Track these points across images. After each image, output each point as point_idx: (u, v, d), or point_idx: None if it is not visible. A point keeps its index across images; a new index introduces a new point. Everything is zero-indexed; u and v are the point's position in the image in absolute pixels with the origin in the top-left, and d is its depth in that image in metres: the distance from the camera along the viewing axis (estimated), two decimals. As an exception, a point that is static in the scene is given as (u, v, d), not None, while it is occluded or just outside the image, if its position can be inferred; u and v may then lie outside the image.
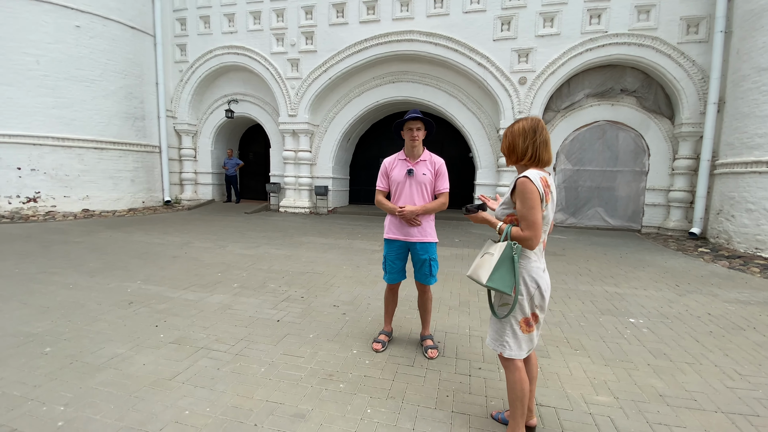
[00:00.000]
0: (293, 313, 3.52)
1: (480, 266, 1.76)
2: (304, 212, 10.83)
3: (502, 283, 1.68)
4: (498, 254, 1.69)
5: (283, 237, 7.29)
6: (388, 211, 2.72)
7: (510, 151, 1.80)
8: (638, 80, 8.57)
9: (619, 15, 8.08)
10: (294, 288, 4.25)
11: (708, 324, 3.48)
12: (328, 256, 5.83)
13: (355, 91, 10.44)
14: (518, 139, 1.76)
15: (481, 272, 1.73)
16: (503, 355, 1.81)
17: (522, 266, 1.73)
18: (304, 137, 10.71)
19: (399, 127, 2.70)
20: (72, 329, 3.06)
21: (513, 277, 1.68)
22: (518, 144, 1.76)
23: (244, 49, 10.57)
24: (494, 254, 1.70)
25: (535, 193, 1.66)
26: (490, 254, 1.73)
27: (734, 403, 2.27)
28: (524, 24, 8.66)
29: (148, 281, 4.34)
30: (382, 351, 2.82)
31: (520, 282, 1.70)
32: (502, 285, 1.68)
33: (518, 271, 1.69)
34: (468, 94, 9.65)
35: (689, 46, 7.81)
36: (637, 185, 8.97)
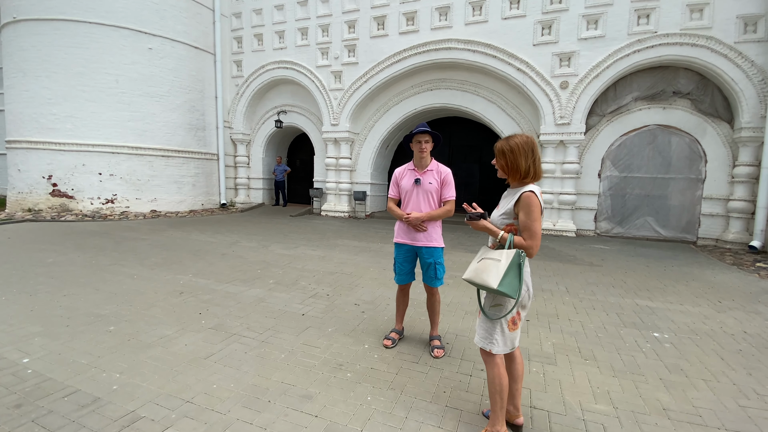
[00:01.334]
0: (317, 309, 3.84)
1: (483, 271, 1.86)
2: (343, 216, 11.31)
3: (510, 288, 1.81)
4: (506, 261, 1.81)
5: (321, 239, 7.74)
6: (397, 217, 2.94)
7: (512, 171, 1.95)
8: (692, 82, 8.00)
9: (670, 14, 7.63)
10: (322, 286, 4.59)
11: (740, 342, 3.28)
12: (358, 258, 6.14)
13: (393, 99, 10.76)
14: (520, 159, 1.91)
15: (486, 277, 1.83)
16: (492, 351, 1.96)
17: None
18: (345, 145, 11.21)
19: (408, 140, 2.91)
20: (132, 312, 3.62)
21: (519, 282, 1.82)
22: (521, 164, 1.91)
23: (292, 64, 11.34)
24: (501, 260, 1.82)
25: (539, 207, 1.85)
26: (495, 260, 1.84)
27: (742, 421, 2.20)
28: (566, 27, 8.46)
29: (198, 275, 4.91)
30: (392, 347, 3.04)
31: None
32: (510, 289, 1.81)
33: (524, 277, 1.85)
34: (507, 100, 9.57)
35: (747, 46, 7.17)
36: (693, 194, 8.33)
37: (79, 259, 5.55)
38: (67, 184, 9.92)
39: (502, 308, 1.95)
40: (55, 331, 3.18)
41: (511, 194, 2.00)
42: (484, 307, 2.02)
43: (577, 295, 4.56)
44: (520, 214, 1.88)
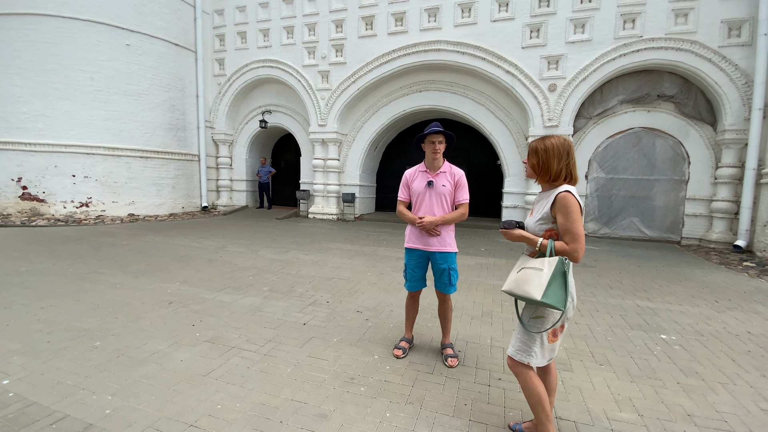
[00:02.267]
0: (319, 317, 3.66)
1: (525, 281, 1.74)
2: (331, 219, 11.09)
3: (555, 299, 1.66)
4: (549, 269, 1.68)
5: (311, 243, 7.52)
6: (409, 221, 2.81)
7: (542, 170, 1.83)
8: (676, 85, 8.22)
9: (655, 19, 7.82)
10: (320, 293, 4.40)
11: (747, 343, 3.30)
12: (353, 262, 5.97)
13: (382, 100, 10.64)
14: (552, 160, 1.79)
15: (528, 288, 1.70)
16: (531, 364, 1.83)
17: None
18: (332, 146, 11.01)
19: (420, 140, 2.79)
20: (119, 325, 3.35)
21: (565, 292, 1.68)
22: (552, 165, 1.80)
23: (277, 63, 11.06)
24: (543, 269, 1.69)
25: (578, 207, 1.72)
26: (537, 269, 1.72)
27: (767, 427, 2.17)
28: (554, 31, 8.55)
29: (186, 283, 4.64)
30: (403, 357, 2.90)
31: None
32: (556, 300, 1.67)
33: (570, 286, 1.71)
34: (496, 102, 9.61)
35: (731, 50, 7.42)
36: (676, 195, 8.55)
37: (55, 268, 5.16)
38: (38, 186, 9.32)
39: (544, 320, 1.82)
40: (36, 348, 2.89)
41: (544, 197, 1.88)
42: (522, 319, 1.90)
43: (579, 297, 4.53)
44: (557, 216, 1.76)
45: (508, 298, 4.35)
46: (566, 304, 1.69)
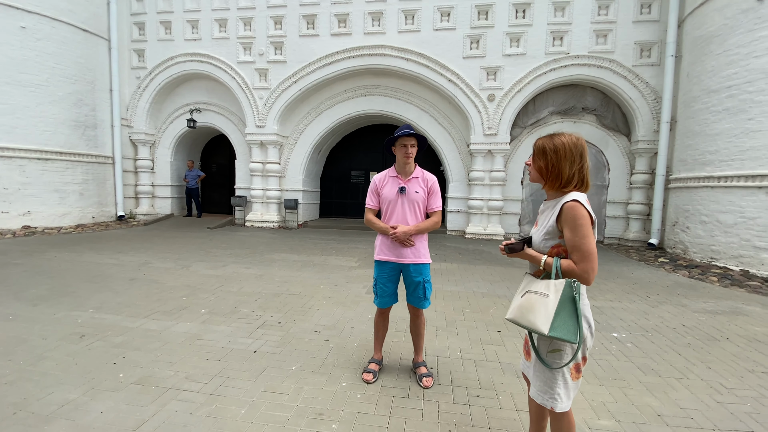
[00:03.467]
0: (271, 342, 3.23)
1: (529, 310, 1.50)
2: (272, 227, 10.40)
3: (565, 331, 1.42)
4: (556, 295, 1.44)
5: (252, 254, 6.90)
6: (380, 231, 2.57)
7: (552, 175, 1.57)
8: (598, 99, 9.08)
9: (580, 38, 8.56)
10: (269, 312, 3.95)
11: (685, 336, 3.58)
12: (303, 274, 5.54)
13: (326, 103, 10.28)
14: (564, 163, 1.53)
15: (534, 318, 1.47)
16: (555, 409, 1.57)
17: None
18: (272, 149, 10.35)
19: (391, 143, 2.57)
20: (13, 371, 2.61)
21: (577, 322, 1.43)
22: (564, 169, 1.54)
23: (208, 57, 10.14)
24: (549, 295, 1.46)
25: (588, 219, 1.46)
26: (542, 295, 1.48)
27: (728, 419, 2.29)
28: (492, 43, 8.95)
29: (102, 309, 3.87)
30: (374, 382, 2.63)
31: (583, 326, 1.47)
32: (566, 333, 1.42)
33: (581, 315, 1.45)
34: (439, 110, 9.79)
35: (643, 69, 8.39)
36: (599, 198, 9.41)
37: None
38: None
39: (562, 354, 1.54)
40: None
41: (549, 207, 1.62)
42: (539, 352, 1.60)
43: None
44: (564, 230, 1.50)
45: (469, 306, 4.30)
46: (580, 336, 1.43)
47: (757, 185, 5.89)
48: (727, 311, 4.33)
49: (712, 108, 6.71)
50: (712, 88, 6.68)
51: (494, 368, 2.89)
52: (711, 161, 6.70)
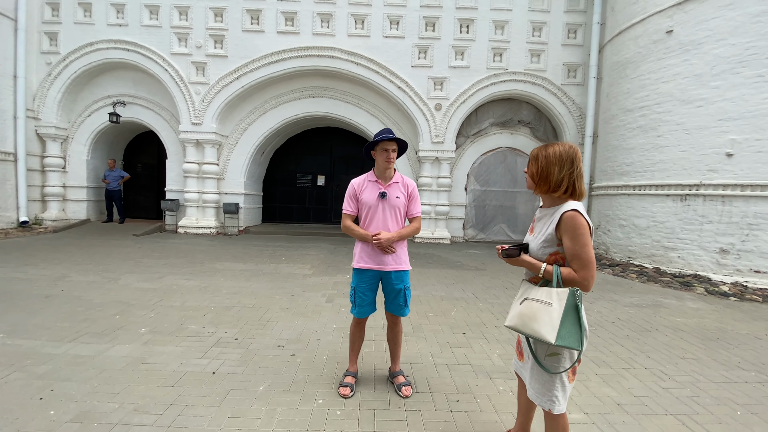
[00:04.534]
0: (231, 361, 2.94)
1: (532, 318, 1.52)
2: (210, 233, 9.62)
3: (570, 340, 1.45)
4: (560, 304, 1.46)
5: (191, 264, 6.30)
6: (360, 238, 2.47)
7: (541, 179, 1.62)
8: (532, 113, 9.87)
9: (517, 56, 9.24)
10: (223, 328, 3.60)
11: (623, 328, 3.98)
12: (253, 285, 5.17)
13: (271, 102, 9.83)
14: (553, 167, 1.58)
15: (538, 327, 1.48)
16: (553, 411, 1.62)
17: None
18: (210, 148, 9.61)
19: (371, 148, 2.49)
20: None
21: (580, 329, 1.46)
22: (553, 172, 1.59)
23: (136, 46, 9.12)
24: (553, 303, 1.47)
25: (587, 228, 1.51)
26: (545, 303, 1.50)
27: (675, 404, 2.56)
28: (439, 55, 9.29)
29: (15, 333, 3.22)
30: (351, 396, 2.51)
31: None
32: (571, 342, 1.45)
33: (584, 322, 1.48)
34: (389, 116, 9.89)
35: (570, 88, 9.31)
36: (533, 204, 10.20)
37: None
38: None
39: (560, 358, 1.59)
40: None
41: (547, 215, 1.66)
42: (538, 357, 1.63)
43: (486, 300, 4.84)
44: (564, 239, 1.54)
45: (431, 309, 4.34)
46: (583, 343, 1.48)
47: (665, 193, 6.81)
48: (651, 305, 4.92)
49: (627, 125, 7.64)
50: (628, 107, 7.62)
51: (467, 371, 2.93)
52: (627, 172, 7.62)
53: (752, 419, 2.39)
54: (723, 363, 3.23)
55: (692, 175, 6.51)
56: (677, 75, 6.67)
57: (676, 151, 6.72)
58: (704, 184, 6.34)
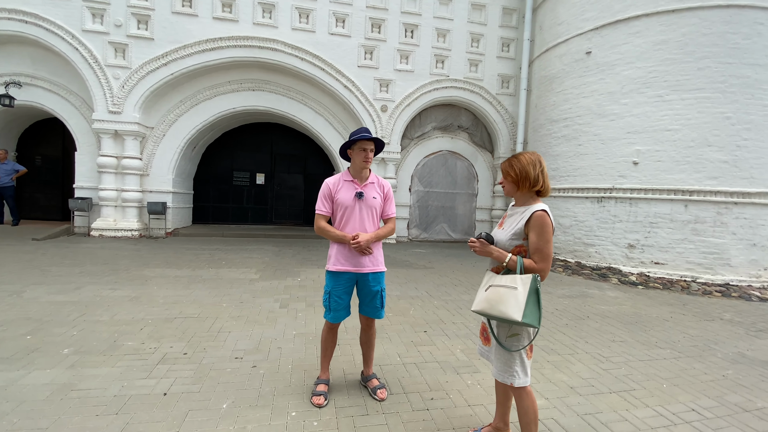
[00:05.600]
0: (183, 379, 2.65)
1: (499, 301, 1.69)
2: (131, 236, 8.58)
3: (532, 318, 1.66)
4: (524, 288, 1.66)
5: (115, 271, 5.56)
6: (336, 239, 2.38)
7: (522, 179, 1.84)
8: (470, 120, 10.44)
9: (458, 64, 9.71)
10: (166, 342, 3.23)
11: (561, 318, 4.39)
12: (194, 292, 4.73)
13: (205, 93, 9.07)
14: (529, 167, 1.83)
15: (505, 308, 1.66)
16: (514, 384, 1.81)
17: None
18: (132, 141, 8.57)
19: (347, 147, 2.42)
20: None
21: (539, 309, 1.69)
22: (530, 172, 1.82)
23: (37, 18, 7.76)
24: (518, 288, 1.67)
25: (551, 228, 1.76)
26: (510, 288, 1.69)
27: (615, 382, 2.89)
28: (385, 57, 9.38)
29: None
30: (326, 404, 2.41)
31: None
32: (533, 320, 1.66)
33: (541, 303, 1.71)
34: (334, 114, 9.73)
35: (503, 97, 10.03)
36: (470, 205, 10.81)
37: None
38: None
39: (520, 338, 1.83)
40: None
41: (518, 213, 1.89)
42: (499, 339, 1.85)
43: (440, 297, 5.01)
44: (530, 234, 1.77)
45: (390, 309, 4.35)
46: (540, 321, 1.71)
47: (584, 196, 7.67)
48: (579, 295, 5.50)
49: (553, 134, 8.46)
50: (554, 118, 8.44)
51: (434, 368, 3.00)
52: (553, 176, 8.43)
53: (676, 390, 2.79)
54: (644, 343, 3.73)
55: (606, 180, 7.42)
56: (595, 91, 7.55)
57: (593, 159, 7.61)
58: (616, 188, 7.26)
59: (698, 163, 6.52)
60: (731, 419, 2.41)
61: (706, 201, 6.46)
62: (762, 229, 6.32)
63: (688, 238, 6.59)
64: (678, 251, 6.66)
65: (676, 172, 6.68)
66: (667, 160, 6.75)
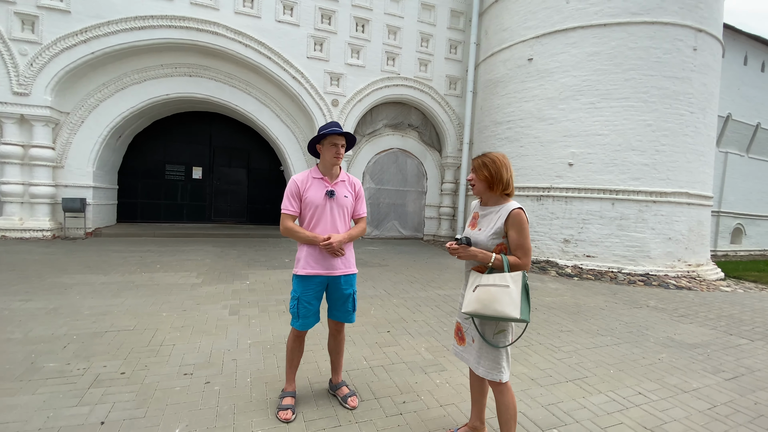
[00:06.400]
0: (124, 403, 2.31)
1: (493, 301, 1.70)
2: (43, 237, 7.44)
3: (526, 313, 1.68)
4: (516, 285, 1.69)
5: (25, 279, 4.76)
6: (306, 241, 2.21)
7: (496, 181, 1.87)
8: (420, 119, 10.59)
9: (408, 63, 9.78)
10: (98, 361, 2.81)
11: (514, 312, 4.60)
12: (126, 301, 4.19)
13: (133, 76, 8.12)
14: (502, 170, 1.86)
15: (501, 307, 1.68)
16: (502, 380, 1.83)
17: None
18: (42, 127, 7.41)
19: (316, 142, 2.26)
20: None
21: (528, 304, 1.72)
22: (503, 175, 1.86)
23: None
24: (510, 286, 1.69)
25: (527, 223, 1.83)
26: (502, 286, 1.70)
27: (569, 371, 3.07)
28: (335, 50, 9.14)
29: None
30: (294, 419, 2.25)
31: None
32: (526, 314, 1.69)
33: (530, 298, 1.74)
34: (282, 106, 9.27)
35: (451, 98, 10.32)
36: (420, 202, 11.00)
37: None
38: None
39: (506, 333, 1.86)
40: None
41: (493, 212, 1.90)
42: (486, 337, 1.85)
43: (398, 295, 5.00)
44: (510, 232, 1.81)
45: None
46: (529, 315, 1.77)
47: (526, 194, 8.17)
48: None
49: (497, 136, 8.89)
50: (498, 120, 8.86)
51: (402, 369, 2.96)
52: (498, 176, 8.86)
53: (622, 375, 3.04)
54: (587, 332, 4.03)
55: (545, 180, 7.96)
56: (535, 96, 8.05)
57: (533, 160, 8.12)
58: (553, 188, 7.82)
59: (623, 165, 7.25)
60: (673, 400, 2.68)
61: (629, 200, 7.21)
62: (676, 224, 7.22)
63: (615, 233, 7.31)
64: (606, 245, 7.36)
65: (605, 173, 7.36)
66: (597, 162, 7.41)
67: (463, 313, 1.84)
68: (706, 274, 7.40)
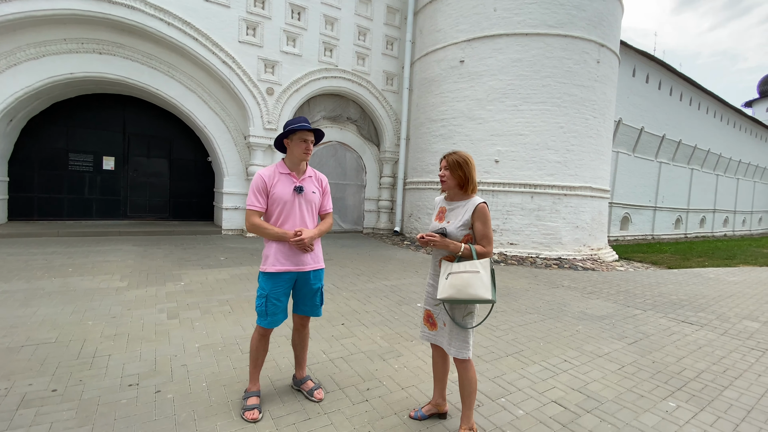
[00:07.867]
0: (62, 423, 2.08)
1: (467, 286, 1.88)
2: None
3: (495, 295, 1.92)
4: (486, 271, 1.90)
5: None
6: (275, 237, 2.19)
7: (467, 182, 2.07)
8: (358, 112, 10.64)
9: (346, 55, 9.74)
10: (22, 379, 2.46)
11: (456, 297, 4.97)
12: (38, 311, 3.67)
13: (28, 51, 6.92)
14: (473, 171, 2.07)
15: (475, 291, 1.87)
16: (467, 358, 2.05)
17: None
18: None
19: (283, 137, 2.23)
20: None
21: (495, 287, 1.94)
22: (473, 176, 2.07)
23: None
24: (480, 271, 1.89)
25: (490, 216, 2.03)
26: (473, 272, 1.90)
27: (508, 347, 3.46)
28: (270, 36, 8.74)
29: None
30: (261, 418, 2.24)
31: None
32: (495, 296, 1.92)
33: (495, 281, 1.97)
34: (210, 93, 8.63)
35: (388, 94, 10.54)
36: (359, 196, 11.11)
37: None
38: None
39: (473, 314, 2.09)
40: None
41: (460, 206, 2.09)
42: (455, 319, 2.05)
43: (347, 288, 5.08)
44: (476, 224, 2.02)
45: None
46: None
47: (460, 188, 8.73)
48: (463, 276, 6.28)
49: (432, 133, 9.34)
50: (433, 118, 9.31)
51: (362, 359, 3.07)
52: (432, 170, 9.34)
53: (550, 347, 3.51)
54: (517, 311, 4.53)
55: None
56: (467, 97, 8.61)
57: (466, 156, 8.70)
58: (482, 182, 8.48)
59: (541, 162, 8.13)
60: (592, 364, 3.18)
61: (546, 193, 8.13)
62: (583, 214, 8.32)
63: (533, 223, 8.20)
64: (526, 233, 8.22)
65: (525, 169, 8.19)
66: (519, 160, 8.21)
67: (438, 299, 1.99)
68: (605, 256, 8.69)
